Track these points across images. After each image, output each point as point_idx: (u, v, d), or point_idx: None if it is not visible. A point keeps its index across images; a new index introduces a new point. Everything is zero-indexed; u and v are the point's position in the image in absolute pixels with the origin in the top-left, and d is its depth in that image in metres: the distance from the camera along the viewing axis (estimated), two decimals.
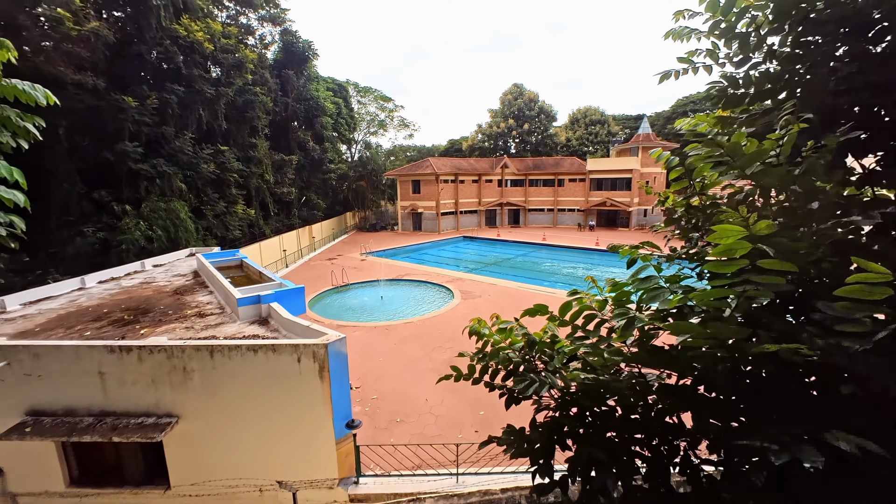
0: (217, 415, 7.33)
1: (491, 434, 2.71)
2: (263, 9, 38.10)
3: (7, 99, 3.60)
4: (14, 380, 7.39)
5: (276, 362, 7.19)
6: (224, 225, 26.34)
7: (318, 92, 44.82)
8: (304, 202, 42.36)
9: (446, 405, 10.75)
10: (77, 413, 7.48)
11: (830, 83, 2.24)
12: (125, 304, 11.18)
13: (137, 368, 7.30)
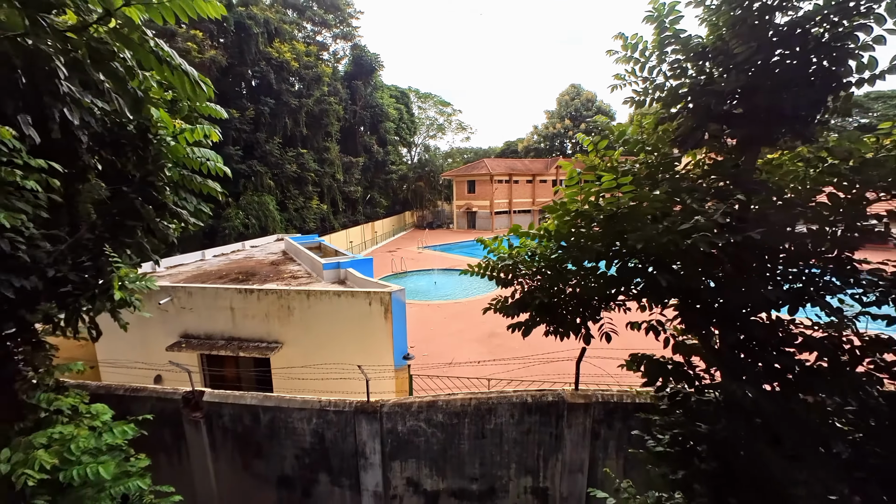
0: (309, 342, 9.84)
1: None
2: (337, 27, 42.39)
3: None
4: (174, 312, 10.43)
5: (353, 305, 9.56)
6: (302, 217, 30.27)
7: (382, 100, 48.55)
8: (368, 200, 46.12)
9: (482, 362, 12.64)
10: (214, 337, 10.38)
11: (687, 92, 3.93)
12: (237, 270, 14.35)
13: (256, 306, 10.03)
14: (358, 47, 44.69)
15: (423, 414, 7.30)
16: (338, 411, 7.50)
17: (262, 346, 9.91)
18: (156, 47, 3.21)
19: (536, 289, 4.31)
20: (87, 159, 4.08)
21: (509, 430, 7.16)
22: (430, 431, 7.34)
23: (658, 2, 3.77)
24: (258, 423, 7.87)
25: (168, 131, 4.85)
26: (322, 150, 34.25)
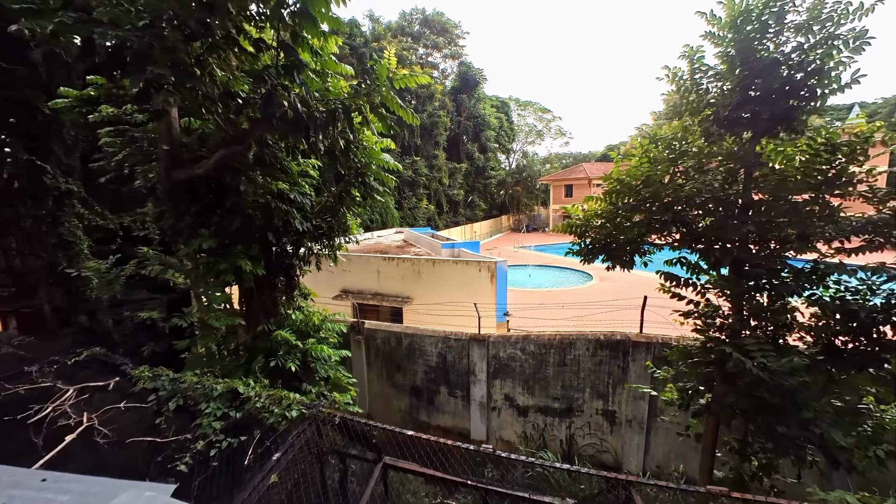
0: (432, 298, 13.01)
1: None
2: (447, 48, 47.04)
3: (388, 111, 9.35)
4: (338, 272, 14.44)
5: (467, 271, 12.50)
6: (413, 216, 34.88)
7: (484, 110, 52.05)
8: (468, 203, 49.84)
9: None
10: (364, 291, 14.16)
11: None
12: (374, 248, 18.39)
13: (395, 270, 13.54)
14: (464, 64, 48.85)
15: (520, 344, 9.86)
16: (457, 339, 10.42)
17: (398, 300, 13.38)
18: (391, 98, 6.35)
19: (599, 236, 6.66)
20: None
21: (585, 361, 9.36)
22: (523, 358, 9.86)
23: (689, 47, 5.94)
24: (400, 345, 11.16)
25: (372, 142, 8.16)
26: (431, 157, 38.76)
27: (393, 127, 6.66)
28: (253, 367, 6.67)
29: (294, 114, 5.69)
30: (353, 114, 5.99)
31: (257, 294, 7.72)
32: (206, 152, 6.96)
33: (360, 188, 8.00)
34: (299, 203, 7.20)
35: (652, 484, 3.17)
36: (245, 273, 6.71)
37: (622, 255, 6.45)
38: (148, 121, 6.95)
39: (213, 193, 7.12)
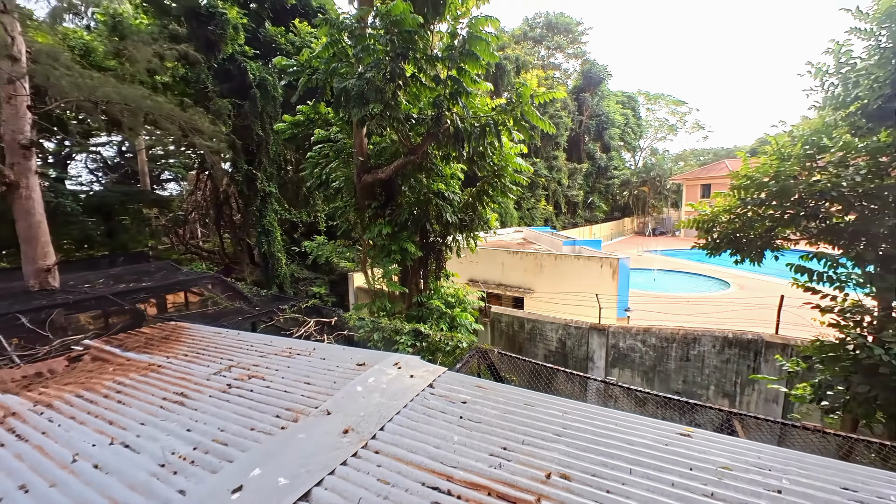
0: (553, 290, 13.94)
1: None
2: (570, 47, 46.57)
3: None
4: (467, 263, 16.24)
5: (588, 266, 13.15)
6: (531, 216, 35.66)
7: (607, 107, 50.00)
8: (588, 204, 48.53)
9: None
10: (489, 281, 15.71)
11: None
12: (495, 245, 19.91)
13: (519, 263, 14.80)
14: (587, 62, 47.73)
15: (640, 336, 10.28)
16: (577, 327, 11.24)
17: (520, 290, 14.61)
18: (531, 112, 7.62)
19: (727, 231, 6.99)
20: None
21: (710, 358, 9.40)
22: (643, 350, 10.25)
23: (835, 42, 6.07)
24: (522, 329, 12.37)
25: (508, 148, 9.51)
26: (551, 158, 39.02)
27: (533, 136, 7.92)
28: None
29: (454, 129, 7.35)
30: (500, 126, 7.40)
31: (413, 272, 9.72)
32: (383, 161, 9.11)
33: (497, 188, 9.42)
34: (450, 199, 8.92)
35: (752, 416, 3.83)
36: (408, 254, 8.66)
37: (751, 250, 6.70)
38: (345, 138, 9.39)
39: (385, 192, 9.28)
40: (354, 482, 1.99)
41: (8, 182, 8.41)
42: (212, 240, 24.43)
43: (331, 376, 3.20)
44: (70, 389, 3.32)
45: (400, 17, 5.98)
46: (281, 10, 19.42)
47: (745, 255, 6.77)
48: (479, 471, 2.07)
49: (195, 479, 2.02)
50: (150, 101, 10.01)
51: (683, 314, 12.58)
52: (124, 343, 4.58)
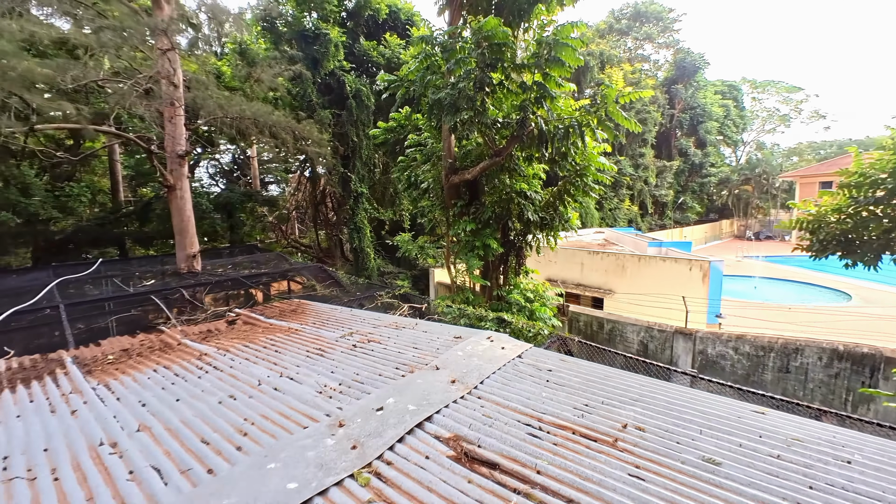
0: (634, 291, 13.54)
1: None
2: (661, 37, 43.62)
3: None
4: (545, 262, 16.33)
5: (675, 269, 12.59)
6: (613, 217, 34.19)
7: (704, 99, 45.90)
8: (678, 205, 45.11)
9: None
10: (567, 281, 15.66)
11: None
12: (575, 245, 19.66)
13: (599, 263, 14.58)
14: (680, 51, 44.29)
15: (732, 343, 9.71)
16: (660, 330, 10.90)
17: (600, 290, 14.39)
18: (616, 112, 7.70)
19: (836, 232, 6.49)
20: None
21: (815, 371, 8.60)
22: (735, 358, 9.67)
23: None
24: (601, 329, 12.24)
25: (591, 147, 9.57)
26: (637, 156, 37.00)
27: (617, 135, 7.99)
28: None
29: (539, 131, 7.71)
30: (584, 127, 7.59)
31: (493, 267, 10.22)
32: (468, 163, 9.72)
33: (579, 187, 9.55)
34: (531, 198, 9.27)
35: (845, 415, 3.72)
36: (490, 250, 9.17)
37: (865, 253, 6.17)
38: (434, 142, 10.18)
39: (470, 192, 9.89)
40: (464, 414, 2.56)
41: (168, 185, 10.45)
42: (308, 235, 27.15)
43: (434, 344, 3.84)
44: (237, 342, 4.35)
45: (491, 31, 6.51)
46: (373, 26, 21.06)
47: (858, 258, 6.25)
48: (565, 418, 2.52)
49: (346, 401, 2.74)
50: (273, 115, 11.74)
51: (784, 322, 11.57)
52: (264, 313, 5.69)
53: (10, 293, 8.96)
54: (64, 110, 7.86)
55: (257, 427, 2.40)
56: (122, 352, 4.20)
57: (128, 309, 7.47)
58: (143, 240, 18.51)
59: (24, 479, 2.00)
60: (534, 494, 1.84)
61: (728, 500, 1.83)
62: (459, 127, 7.43)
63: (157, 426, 2.48)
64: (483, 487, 1.88)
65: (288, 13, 16.98)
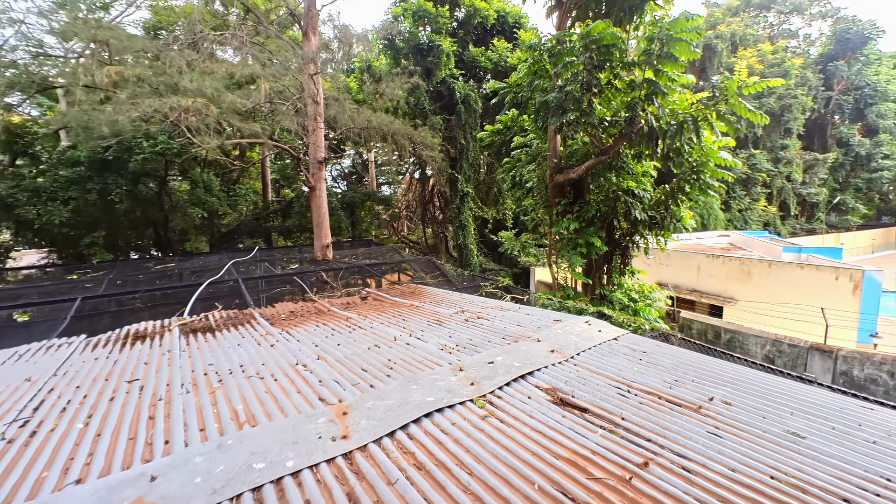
0: (761, 300, 12.14)
1: None
2: (815, 5, 37.02)
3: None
4: (655, 265, 15.45)
5: (817, 277, 11.05)
6: (744, 219, 30.18)
7: (875, 75, 37.66)
8: (833, 205, 37.87)
9: None
10: (679, 286, 14.61)
11: None
12: (693, 247, 18.11)
13: (719, 268, 13.37)
14: (842, 21, 37.01)
15: (888, 367, 8.29)
16: (791, 345, 9.72)
17: (719, 298, 13.19)
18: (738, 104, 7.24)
19: None
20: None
21: None
22: (891, 384, 8.24)
23: None
24: (718, 339, 11.28)
25: (710, 142, 9.00)
26: (777, 149, 32.04)
27: (739, 129, 7.51)
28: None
29: (649, 128, 7.63)
30: (701, 122, 7.31)
31: (597, 266, 10.21)
32: (574, 162, 9.87)
33: (695, 185, 9.08)
34: (640, 197, 9.08)
35: None
36: (594, 248, 9.23)
37: None
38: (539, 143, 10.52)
39: (575, 191, 10.03)
40: (561, 374, 3.04)
41: (310, 186, 12.48)
42: (416, 232, 29.21)
43: (535, 323, 4.34)
44: (372, 312, 5.35)
45: (599, 34, 6.70)
46: (482, 32, 21.91)
47: None
48: (653, 387, 2.85)
49: (463, 356, 3.41)
50: (393, 124, 13.22)
51: None
52: (389, 292, 6.74)
53: (198, 269, 11.73)
54: (248, 129, 10.05)
55: (399, 366, 3.20)
56: (289, 313, 5.49)
57: (283, 285, 9.29)
58: (285, 232, 21.97)
59: (257, 378, 3.04)
60: (617, 431, 2.27)
61: (803, 461, 2.04)
62: (565, 128, 7.72)
63: (329, 358, 3.43)
64: (574, 421, 2.37)
65: (405, 30, 18.65)
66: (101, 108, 7.66)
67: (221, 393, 2.76)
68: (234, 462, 1.90)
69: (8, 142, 13.08)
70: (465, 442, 2.13)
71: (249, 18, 13.93)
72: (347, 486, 1.79)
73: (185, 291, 7.88)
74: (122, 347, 4.00)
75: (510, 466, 1.93)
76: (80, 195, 13.11)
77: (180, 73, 8.07)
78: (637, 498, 1.75)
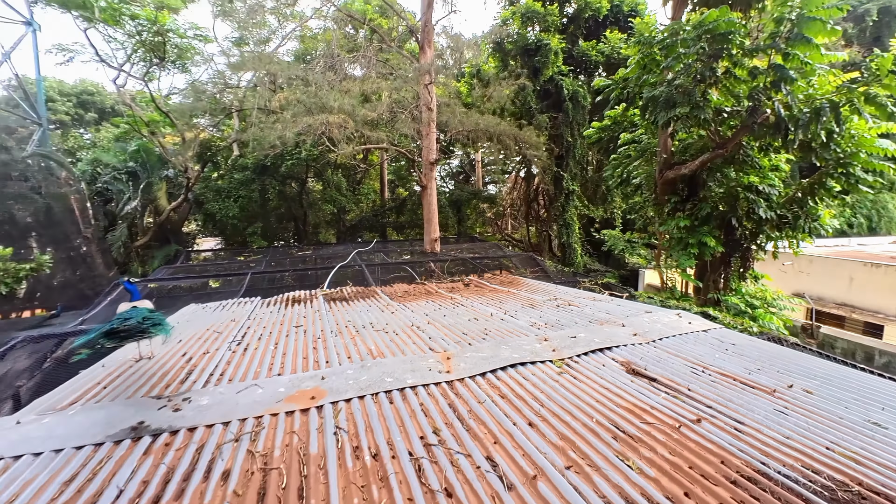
0: None
1: None
2: None
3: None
4: (793, 272, 13.53)
5: None
6: None
7: None
8: None
9: None
10: (823, 298, 12.59)
11: None
12: (847, 254, 15.32)
13: (881, 279, 11.25)
14: None
15: None
16: None
17: (878, 315, 11.10)
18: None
19: None
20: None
21: None
22: None
23: None
24: (870, 362, 9.61)
25: (863, 129, 7.78)
26: None
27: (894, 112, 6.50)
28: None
29: (776, 118, 7.01)
30: (843, 108, 6.50)
31: (711, 268, 9.52)
32: (687, 157, 9.36)
33: (841, 179, 8.00)
34: (766, 193, 8.28)
35: None
36: (707, 248, 8.68)
37: None
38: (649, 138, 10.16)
39: (686, 187, 9.50)
40: (638, 352, 3.35)
41: (422, 185, 13.73)
42: (520, 231, 29.44)
43: (624, 312, 4.58)
44: (473, 295, 6.05)
45: (713, 23, 6.39)
46: (593, 25, 21.23)
47: None
48: (731, 371, 3.00)
49: (549, 330, 3.88)
50: (499, 126, 13.84)
51: None
52: (489, 280, 7.39)
53: (329, 256, 13.81)
54: (373, 136, 11.64)
55: (492, 333, 3.81)
56: (404, 292, 6.48)
57: (397, 271, 10.59)
58: (398, 227, 24.12)
59: (383, 332, 3.92)
60: (679, 396, 2.57)
61: (871, 443, 2.14)
62: (674, 122, 7.49)
63: (437, 323, 4.19)
64: (641, 386, 2.72)
65: (513, 32, 19.07)
66: (273, 126, 9.74)
67: (359, 338, 3.70)
68: (371, 375, 2.72)
69: (200, 154, 16.90)
70: (540, 386, 2.66)
71: (374, 38, 15.80)
72: (448, 399, 2.47)
73: (321, 272, 9.57)
74: (285, 306, 5.32)
75: (575, 405, 2.41)
76: (247, 194, 16.36)
77: (327, 91, 9.81)
78: (681, 440, 2.10)
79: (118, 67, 15.01)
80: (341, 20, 14.92)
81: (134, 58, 15.12)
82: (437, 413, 2.30)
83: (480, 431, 2.12)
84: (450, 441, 2.02)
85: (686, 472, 1.85)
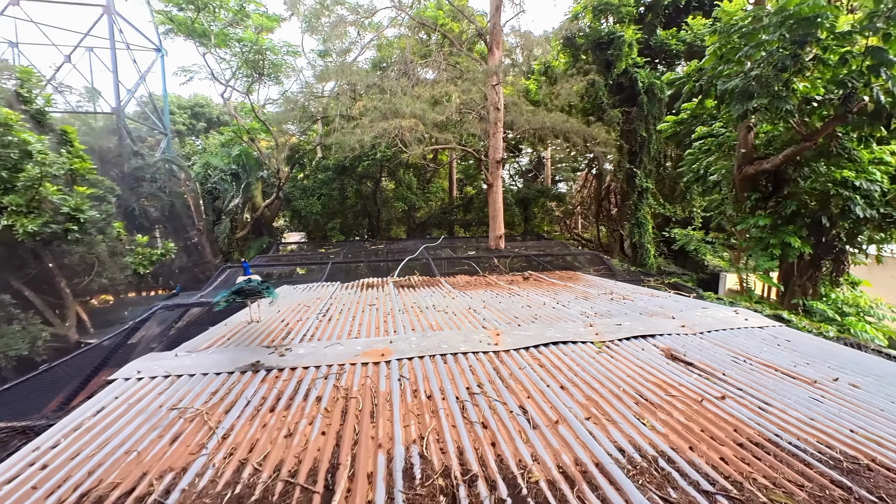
0: None
1: None
2: None
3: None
4: None
5: None
6: None
7: None
8: None
9: None
10: None
11: None
12: None
13: None
14: None
15: None
16: None
17: None
18: None
19: None
20: None
21: None
22: None
23: None
24: None
25: None
26: None
27: None
28: None
29: (875, 105, 6.41)
30: None
31: (798, 272, 8.80)
32: (772, 151, 8.73)
33: None
34: (865, 190, 7.51)
35: None
36: (791, 249, 8.07)
37: None
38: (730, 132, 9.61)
39: (770, 183, 8.87)
40: (681, 341, 3.50)
41: (489, 183, 14.13)
42: (590, 230, 28.60)
43: (678, 307, 4.65)
44: (530, 287, 6.36)
45: (797, 7, 5.99)
46: (674, 12, 20.02)
47: None
48: (776, 363, 3.07)
49: (596, 319, 4.13)
50: (567, 123, 13.78)
51: None
52: (548, 275, 7.63)
53: (399, 250, 14.76)
54: (442, 137, 12.32)
55: (541, 318, 4.16)
56: (465, 282, 6.98)
57: (461, 265, 11.13)
58: (465, 225, 24.74)
59: (443, 312, 4.44)
60: (712, 378, 2.76)
61: None
62: (751, 114, 7.11)
63: (492, 308, 4.62)
64: (675, 368, 2.93)
65: (585, 26, 18.67)
66: (352, 131, 10.81)
67: (422, 316, 4.26)
68: (430, 342, 3.24)
69: (290, 157, 18.87)
70: (577, 360, 2.99)
71: (445, 42, 16.46)
72: (494, 364, 2.90)
73: (392, 264, 10.42)
74: (361, 290, 6.07)
75: (605, 377, 2.72)
76: (328, 192, 17.97)
77: (400, 97, 10.64)
78: (700, 411, 2.33)
79: (225, 83, 17.33)
80: (414, 27, 15.79)
81: (238, 74, 17.36)
82: (482, 372, 2.75)
83: (517, 388, 2.53)
84: (490, 392, 2.46)
85: (696, 434, 2.10)
